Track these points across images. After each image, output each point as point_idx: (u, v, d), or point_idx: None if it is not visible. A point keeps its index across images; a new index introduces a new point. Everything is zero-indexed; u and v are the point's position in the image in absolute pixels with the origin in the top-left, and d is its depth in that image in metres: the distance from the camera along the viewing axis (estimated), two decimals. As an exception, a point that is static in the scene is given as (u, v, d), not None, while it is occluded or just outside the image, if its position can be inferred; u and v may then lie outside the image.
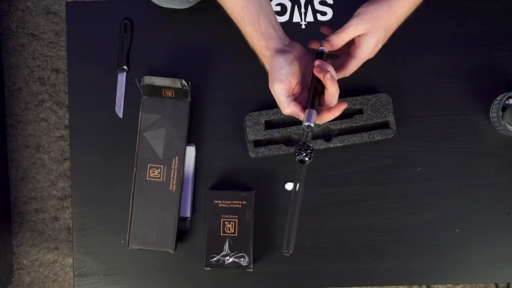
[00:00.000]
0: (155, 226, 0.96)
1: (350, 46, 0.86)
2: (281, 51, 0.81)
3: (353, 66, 0.85)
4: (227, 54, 1.03)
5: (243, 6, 0.82)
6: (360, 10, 0.83)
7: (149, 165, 0.97)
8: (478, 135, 1.01)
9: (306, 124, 0.79)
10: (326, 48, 0.83)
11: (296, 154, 0.78)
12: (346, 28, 0.82)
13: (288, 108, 0.79)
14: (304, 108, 0.80)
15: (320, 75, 0.78)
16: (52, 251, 1.68)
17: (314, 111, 0.79)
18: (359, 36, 0.83)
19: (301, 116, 0.79)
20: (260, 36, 0.82)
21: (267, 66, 0.82)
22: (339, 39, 0.82)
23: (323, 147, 0.99)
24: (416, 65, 1.01)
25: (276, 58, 0.80)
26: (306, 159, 0.77)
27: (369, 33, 0.82)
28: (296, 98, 0.81)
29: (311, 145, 0.77)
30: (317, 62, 0.79)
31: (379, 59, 1.02)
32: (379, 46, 0.85)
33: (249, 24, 0.82)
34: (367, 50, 0.84)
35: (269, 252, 0.99)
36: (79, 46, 1.03)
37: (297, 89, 0.81)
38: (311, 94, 0.81)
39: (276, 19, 0.83)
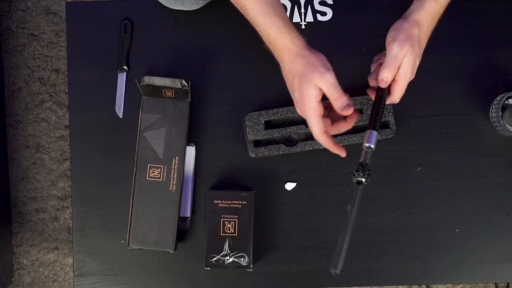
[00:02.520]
0: (155, 226, 0.96)
1: None
2: (313, 49, 0.82)
3: (398, 90, 0.84)
4: (227, 54, 1.03)
5: (266, 1, 0.82)
6: (393, 33, 0.83)
7: (149, 165, 0.97)
8: (478, 135, 1.01)
9: (367, 145, 0.80)
10: (382, 86, 0.83)
11: (354, 174, 0.78)
12: (393, 56, 0.82)
13: (344, 95, 0.79)
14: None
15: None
16: (52, 251, 1.68)
17: (375, 133, 0.80)
18: None
19: (351, 107, 0.79)
20: (290, 28, 0.81)
21: (300, 58, 0.80)
22: (392, 73, 0.82)
23: (323, 147, 0.98)
24: (416, 65, 1.01)
25: (317, 53, 0.81)
26: (363, 180, 0.78)
27: (408, 53, 0.82)
28: None
29: (368, 166, 0.78)
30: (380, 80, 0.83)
31: (379, 59, 1.02)
32: (417, 64, 0.85)
33: (275, 16, 0.81)
34: (408, 71, 0.83)
35: (269, 252, 0.99)
36: (79, 46, 1.03)
37: None
38: (373, 115, 0.82)
39: None
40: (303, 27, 1.03)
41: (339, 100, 0.78)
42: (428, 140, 1.01)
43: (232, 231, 0.95)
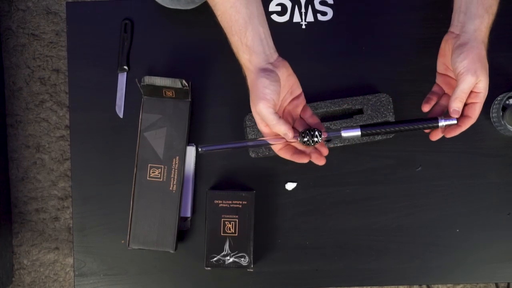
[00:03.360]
0: (156, 226, 0.96)
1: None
2: (264, 70, 0.79)
3: (478, 111, 0.83)
4: (228, 54, 1.02)
5: (232, 15, 0.79)
6: (464, 63, 0.80)
7: (149, 165, 0.97)
8: (478, 135, 1.01)
9: (342, 132, 0.81)
10: (455, 116, 0.81)
11: (305, 133, 0.80)
12: (466, 88, 0.80)
13: (278, 124, 0.77)
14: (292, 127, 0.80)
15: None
16: (53, 251, 1.69)
17: (359, 132, 0.81)
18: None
19: (289, 135, 0.78)
20: (245, 49, 0.79)
21: (249, 81, 0.81)
22: (463, 102, 0.81)
23: (323, 147, 0.98)
24: (416, 65, 1.01)
25: (260, 78, 0.78)
26: (305, 140, 0.80)
27: (482, 79, 0.81)
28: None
29: (318, 135, 0.80)
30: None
31: (379, 59, 1.02)
32: (487, 76, 0.83)
33: (236, 35, 0.80)
34: (485, 91, 0.82)
35: (270, 252, 0.99)
36: (80, 46, 1.03)
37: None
38: (379, 123, 0.83)
39: (267, 32, 0.81)
40: (303, 27, 1.03)
41: (273, 129, 0.78)
42: (428, 140, 1.00)
43: (233, 231, 0.95)
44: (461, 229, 1.00)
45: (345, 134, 0.82)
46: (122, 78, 1.02)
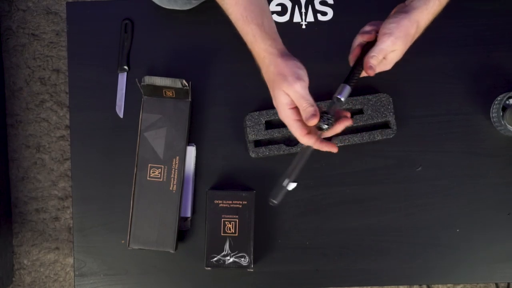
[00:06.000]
0: (156, 226, 0.96)
1: None
2: (290, 55, 0.81)
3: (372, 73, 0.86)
4: (228, 54, 1.03)
5: (246, 6, 0.81)
6: (392, 25, 0.83)
7: (149, 165, 0.97)
8: (478, 135, 1.01)
9: (337, 96, 0.82)
10: (371, 75, 0.83)
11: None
12: (384, 49, 0.83)
13: (313, 106, 0.78)
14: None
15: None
16: (53, 251, 1.69)
17: (348, 87, 0.82)
18: None
19: (315, 119, 0.78)
20: (265, 35, 0.81)
21: (272, 67, 0.80)
22: (379, 61, 0.84)
23: (323, 147, 0.98)
24: (416, 65, 1.01)
25: (290, 60, 0.79)
26: (324, 127, 0.80)
27: (399, 49, 0.84)
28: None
29: (332, 117, 0.80)
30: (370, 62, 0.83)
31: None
32: (401, 53, 0.86)
33: (252, 23, 0.81)
34: (390, 65, 0.86)
35: (270, 252, 0.99)
36: (80, 46, 1.03)
37: None
38: (350, 73, 0.83)
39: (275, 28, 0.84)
40: (303, 27, 1.03)
41: (304, 111, 0.78)
42: (428, 140, 1.01)
43: (233, 231, 0.95)
44: (461, 229, 1.00)
45: (343, 98, 0.82)
46: (122, 78, 1.02)
